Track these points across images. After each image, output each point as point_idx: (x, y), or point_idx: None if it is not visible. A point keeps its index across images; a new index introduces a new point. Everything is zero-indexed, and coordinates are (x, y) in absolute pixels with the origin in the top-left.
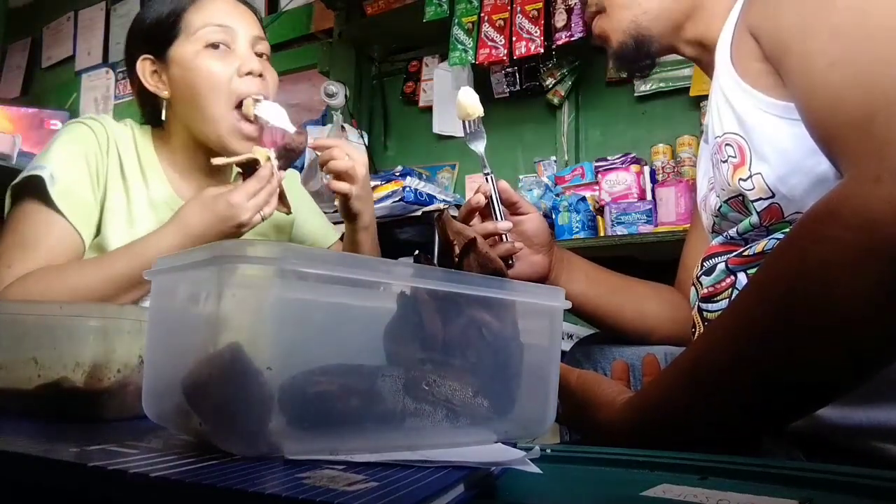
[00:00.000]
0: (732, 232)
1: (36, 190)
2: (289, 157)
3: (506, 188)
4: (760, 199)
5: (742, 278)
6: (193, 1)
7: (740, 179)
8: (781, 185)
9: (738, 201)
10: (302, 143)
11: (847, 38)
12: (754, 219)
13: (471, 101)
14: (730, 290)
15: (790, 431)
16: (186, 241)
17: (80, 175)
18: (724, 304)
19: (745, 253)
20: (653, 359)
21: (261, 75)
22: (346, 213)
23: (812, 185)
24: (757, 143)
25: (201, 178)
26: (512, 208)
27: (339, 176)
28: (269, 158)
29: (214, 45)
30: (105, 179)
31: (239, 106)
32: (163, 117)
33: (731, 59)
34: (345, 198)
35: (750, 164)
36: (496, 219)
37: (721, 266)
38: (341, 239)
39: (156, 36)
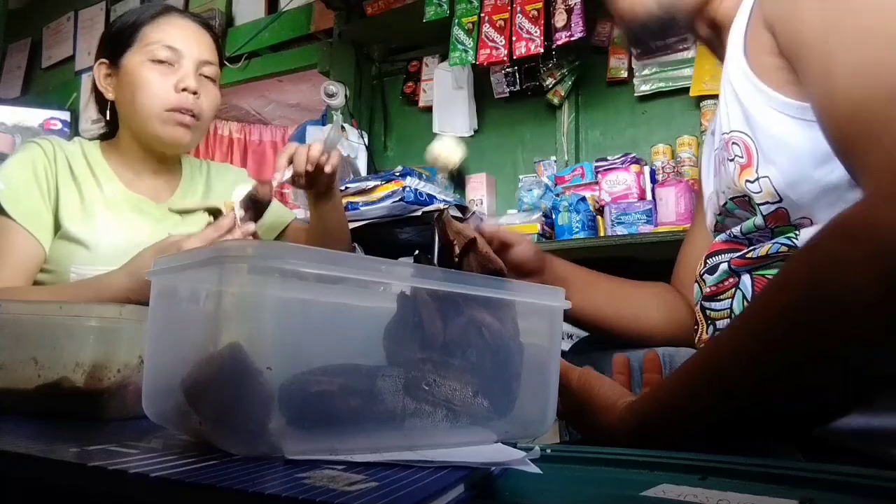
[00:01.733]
0: (736, 231)
1: None
2: (257, 208)
3: (493, 230)
4: (767, 203)
5: (746, 280)
6: (154, 18)
7: (747, 181)
8: (790, 190)
9: (744, 201)
10: (267, 194)
11: (872, 43)
12: (759, 220)
13: (448, 153)
14: (732, 289)
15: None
16: (136, 285)
17: (27, 183)
18: (726, 303)
19: (749, 255)
20: (654, 356)
21: (195, 93)
22: (328, 186)
23: (821, 192)
24: (765, 144)
25: (150, 174)
26: (503, 246)
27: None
28: (233, 209)
29: (159, 61)
30: (56, 183)
31: (171, 110)
32: (107, 116)
33: (745, 51)
34: (332, 173)
35: (757, 165)
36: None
37: (724, 266)
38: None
39: (115, 42)
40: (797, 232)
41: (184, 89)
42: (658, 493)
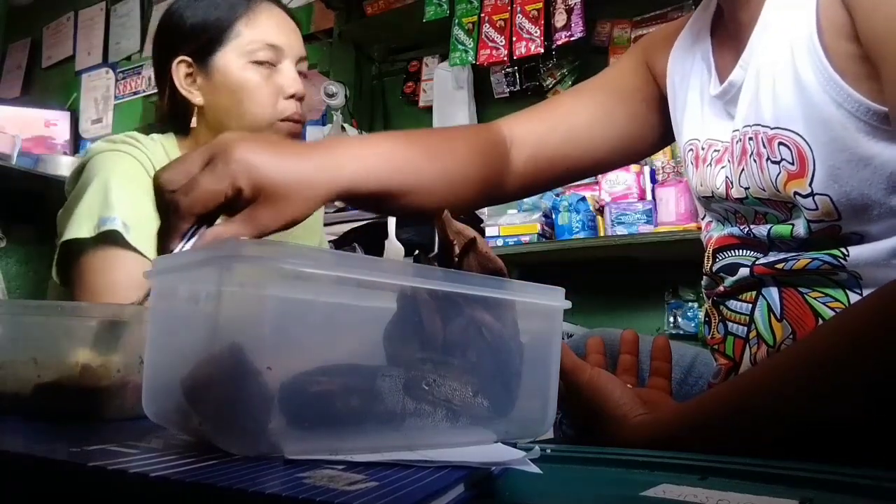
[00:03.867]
0: (760, 231)
1: (112, 239)
2: None
3: None
4: (822, 221)
5: (773, 292)
6: (246, 13)
7: (797, 193)
8: (856, 214)
9: (783, 206)
10: None
11: None
12: (801, 231)
13: None
14: (752, 293)
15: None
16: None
17: (148, 211)
18: (745, 307)
19: (778, 265)
20: (664, 342)
21: (301, 98)
22: None
23: (888, 214)
24: (829, 157)
25: None
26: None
27: None
28: None
29: (261, 63)
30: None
31: (282, 119)
32: (193, 123)
33: (818, 27)
34: None
35: (812, 177)
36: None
37: (745, 272)
38: None
39: (198, 39)
40: (844, 251)
41: (292, 96)
42: (658, 493)
